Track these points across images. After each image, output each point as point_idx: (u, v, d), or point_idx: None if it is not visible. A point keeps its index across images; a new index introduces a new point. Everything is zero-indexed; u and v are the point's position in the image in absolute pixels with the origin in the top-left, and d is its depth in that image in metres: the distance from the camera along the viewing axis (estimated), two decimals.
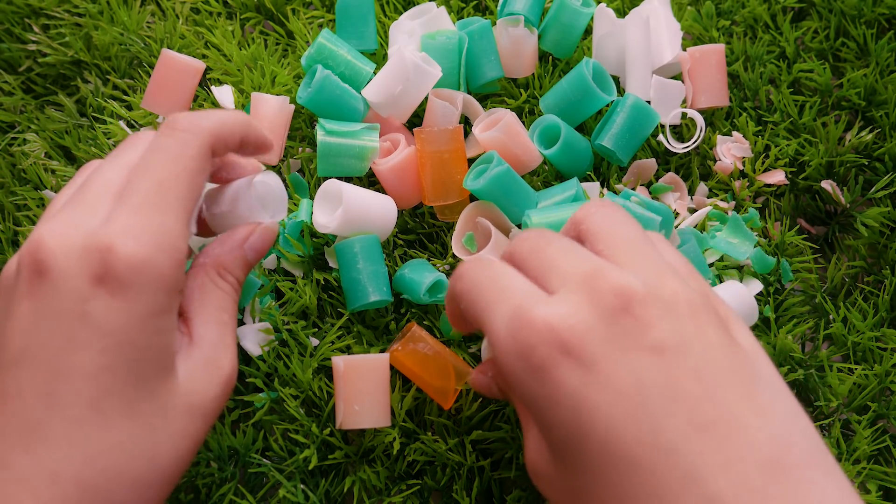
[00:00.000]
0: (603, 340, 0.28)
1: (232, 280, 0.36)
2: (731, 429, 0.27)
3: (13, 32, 0.55)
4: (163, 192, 0.32)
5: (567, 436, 0.28)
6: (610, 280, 0.29)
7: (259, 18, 0.55)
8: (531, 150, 0.47)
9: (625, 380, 0.28)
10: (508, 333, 0.29)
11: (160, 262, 0.30)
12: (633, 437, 0.27)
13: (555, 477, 0.30)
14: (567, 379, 0.28)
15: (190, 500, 0.43)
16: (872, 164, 0.50)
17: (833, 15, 0.53)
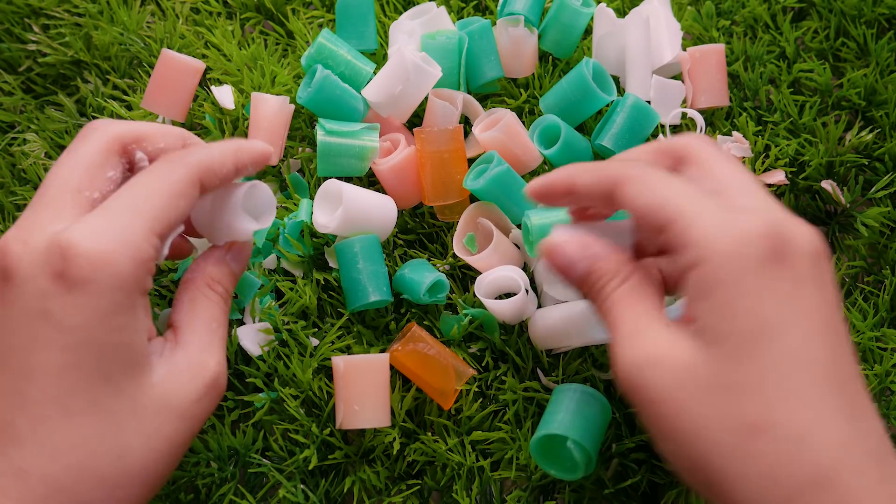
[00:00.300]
0: (806, 268, 0.30)
1: (221, 290, 0.37)
2: None
3: (13, 32, 0.55)
4: (136, 203, 0.32)
5: (755, 328, 0.29)
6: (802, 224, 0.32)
7: (259, 18, 0.55)
8: (531, 150, 0.47)
9: (818, 311, 0.30)
10: (721, 220, 0.31)
11: (119, 260, 0.31)
12: (824, 358, 0.29)
13: (695, 368, 0.30)
14: (780, 281, 0.30)
15: (190, 500, 0.43)
16: (872, 164, 0.50)
17: (833, 15, 0.53)
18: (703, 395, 0.30)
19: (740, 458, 0.29)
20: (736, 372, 0.29)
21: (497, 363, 0.46)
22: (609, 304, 0.34)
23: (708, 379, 0.30)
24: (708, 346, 0.30)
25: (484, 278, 0.45)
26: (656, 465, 0.44)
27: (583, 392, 0.41)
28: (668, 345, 0.31)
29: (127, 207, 0.32)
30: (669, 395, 0.31)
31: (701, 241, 0.30)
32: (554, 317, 0.44)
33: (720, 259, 0.30)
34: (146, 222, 0.32)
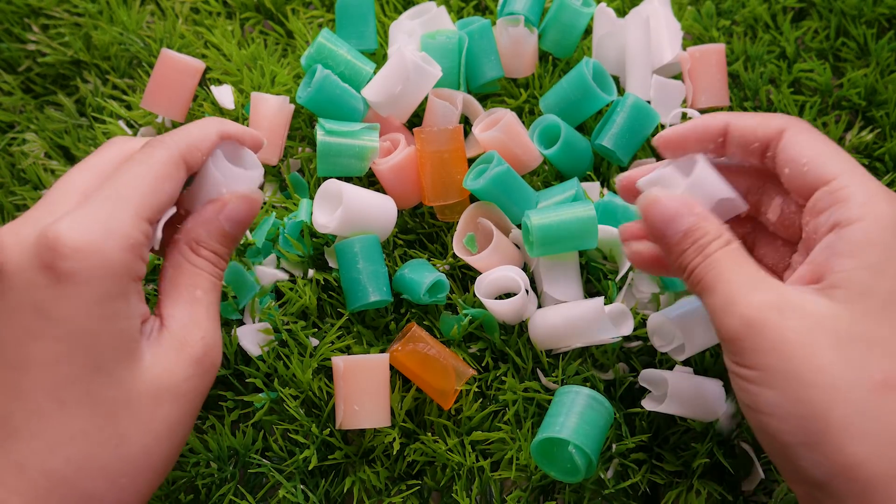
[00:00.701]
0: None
1: (207, 254, 0.36)
2: None
3: (13, 32, 0.55)
4: (119, 190, 0.32)
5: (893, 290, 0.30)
6: None
7: (259, 18, 0.54)
8: (531, 149, 0.47)
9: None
10: (886, 192, 0.32)
11: (107, 247, 0.31)
12: None
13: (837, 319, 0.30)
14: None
15: (190, 501, 0.43)
16: (873, 164, 0.50)
17: (833, 15, 0.53)
18: (840, 345, 0.30)
19: (864, 412, 0.29)
20: (878, 328, 0.30)
21: (497, 363, 0.46)
22: (712, 261, 0.33)
23: (848, 331, 0.30)
24: (848, 302, 0.31)
25: (484, 278, 0.45)
26: (656, 465, 0.44)
27: (585, 395, 0.41)
28: (798, 294, 0.31)
29: (110, 196, 0.32)
30: (804, 339, 0.30)
31: (860, 201, 0.31)
32: (554, 317, 0.44)
33: (877, 220, 0.31)
34: (131, 208, 0.32)
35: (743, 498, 0.44)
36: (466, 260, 0.45)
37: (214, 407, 0.46)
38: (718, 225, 0.34)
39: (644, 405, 0.43)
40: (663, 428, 0.44)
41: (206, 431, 0.44)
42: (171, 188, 0.34)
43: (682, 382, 0.42)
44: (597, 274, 0.46)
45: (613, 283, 0.45)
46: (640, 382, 0.44)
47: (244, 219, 0.37)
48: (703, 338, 0.42)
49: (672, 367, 0.44)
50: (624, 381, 0.44)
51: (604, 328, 0.42)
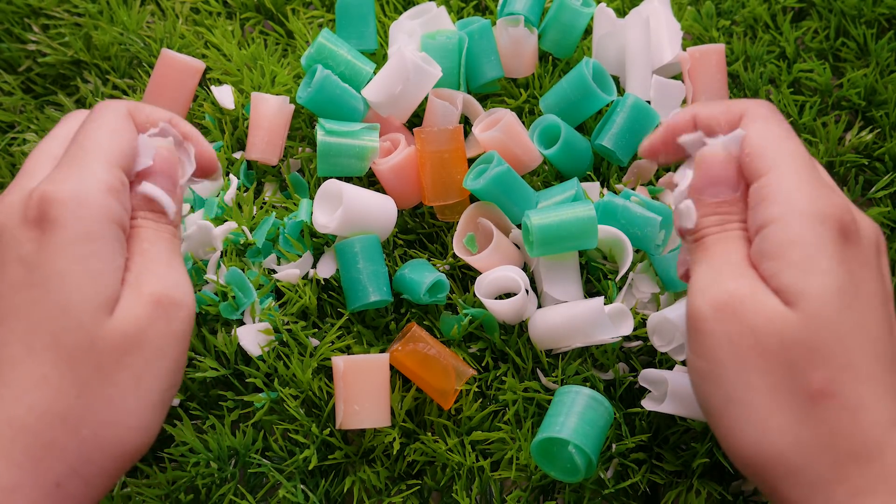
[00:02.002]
0: (870, 253, 0.32)
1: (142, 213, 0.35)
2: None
3: (13, 32, 0.55)
4: (82, 145, 0.33)
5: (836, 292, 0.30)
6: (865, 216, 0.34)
7: (259, 18, 0.55)
8: (531, 150, 0.47)
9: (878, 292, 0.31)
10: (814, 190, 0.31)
11: (84, 191, 0.31)
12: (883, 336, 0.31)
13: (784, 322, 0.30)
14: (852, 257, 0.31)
15: (190, 500, 0.43)
16: (872, 164, 0.50)
17: (833, 15, 0.53)
18: (783, 349, 0.30)
19: (800, 421, 0.30)
20: (815, 334, 0.30)
21: (497, 363, 0.46)
22: (719, 238, 0.34)
23: (791, 335, 0.30)
24: (792, 303, 0.30)
25: (484, 278, 0.45)
26: (656, 465, 0.44)
27: (585, 395, 0.41)
28: (760, 290, 0.31)
29: (76, 153, 0.33)
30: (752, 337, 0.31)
31: (780, 199, 0.31)
32: (554, 317, 0.44)
33: (797, 218, 0.31)
34: (98, 156, 0.33)
35: (743, 498, 0.44)
36: (466, 260, 0.45)
37: (214, 407, 0.46)
38: (743, 209, 0.34)
39: (644, 405, 0.43)
40: (663, 428, 0.44)
41: (206, 431, 0.44)
42: (127, 138, 0.34)
43: (682, 382, 0.42)
44: (597, 274, 0.46)
45: (613, 283, 0.45)
46: (640, 382, 0.44)
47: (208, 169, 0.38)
48: None
49: (672, 367, 0.44)
50: (624, 381, 0.44)
51: (604, 328, 0.42)
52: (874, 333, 0.30)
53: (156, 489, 0.43)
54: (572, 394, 0.41)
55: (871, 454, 0.29)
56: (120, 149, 0.34)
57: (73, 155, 0.33)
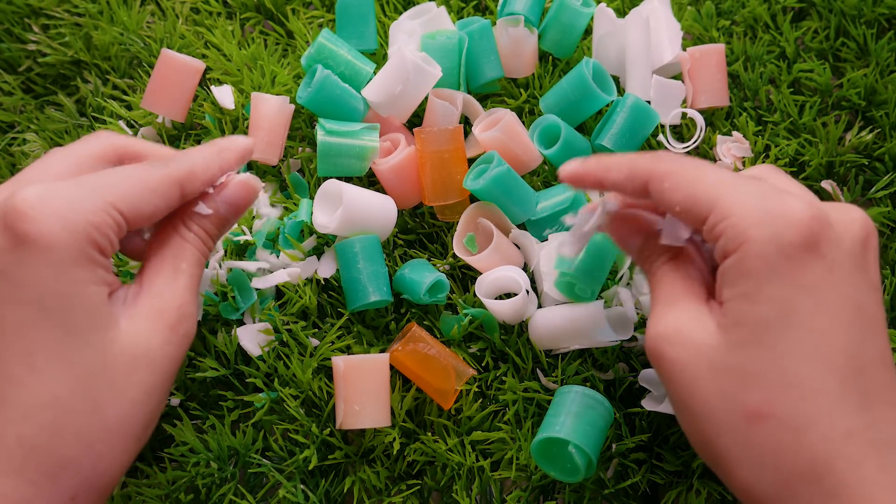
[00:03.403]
0: (848, 253, 0.31)
1: (198, 230, 0.36)
2: None
3: (13, 32, 0.55)
4: (103, 180, 0.33)
5: (779, 314, 0.30)
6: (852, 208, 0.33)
7: (259, 18, 0.55)
8: (531, 150, 0.47)
9: (855, 293, 0.31)
10: (760, 208, 0.31)
11: (70, 217, 0.31)
12: (842, 344, 0.30)
13: (715, 348, 0.31)
14: (812, 267, 0.30)
15: (190, 500, 0.43)
16: (872, 164, 0.50)
17: (833, 15, 0.53)
18: (714, 376, 0.31)
19: (741, 443, 0.30)
20: (747, 358, 0.30)
21: (497, 363, 0.46)
22: (654, 280, 0.35)
23: (721, 361, 0.31)
24: (727, 330, 0.31)
25: (484, 278, 0.45)
26: (656, 465, 0.44)
27: (585, 395, 0.41)
28: (693, 323, 0.32)
29: (92, 182, 0.32)
30: (684, 370, 0.32)
31: (737, 230, 0.31)
32: (554, 317, 0.44)
33: (753, 248, 0.30)
34: (105, 195, 0.32)
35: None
36: (466, 260, 0.45)
37: (214, 407, 0.46)
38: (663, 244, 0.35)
39: (644, 405, 0.43)
40: (663, 428, 0.44)
41: (206, 431, 0.44)
42: (159, 204, 0.34)
43: None
44: None
45: (614, 283, 0.46)
46: (640, 382, 0.44)
47: (240, 203, 0.37)
48: None
49: None
50: (624, 381, 0.44)
51: (603, 332, 0.42)
52: (830, 345, 0.30)
53: (156, 489, 0.43)
54: (572, 394, 0.41)
55: (819, 471, 0.29)
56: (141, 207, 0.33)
57: (86, 182, 0.32)
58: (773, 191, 0.32)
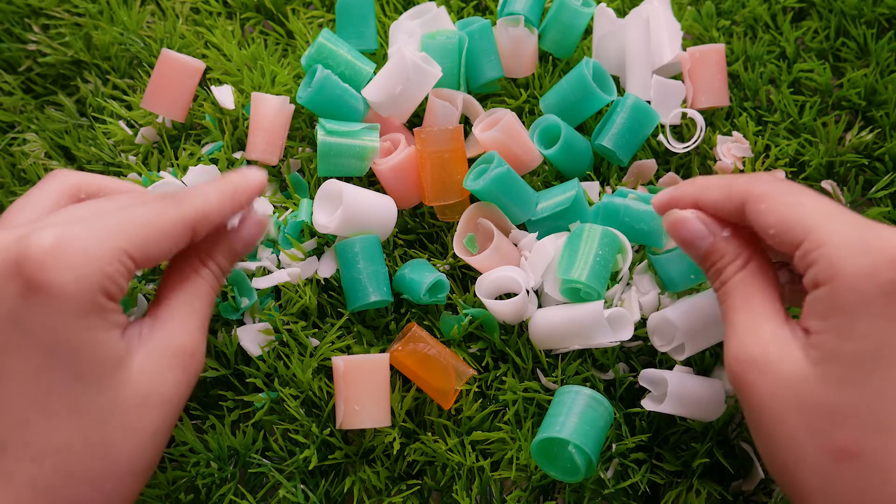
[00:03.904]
0: None
1: (214, 268, 0.36)
2: None
3: (13, 32, 0.55)
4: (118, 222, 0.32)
5: (873, 352, 0.29)
6: None
7: (259, 18, 0.55)
8: (531, 150, 0.47)
9: None
10: (857, 240, 0.30)
11: (81, 266, 0.30)
12: None
13: (803, 380, 0.30)
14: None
15: (190, 501, 0.43)
16: (872, 164, 0.50)
17: (833, 15, 0.53)
18: (802, 410, 0.30)
19: (827, 479, 0.30)
20: (839, 395, 0.30)
21: (497, 363, 0.46)
22: (726, 290, 0.34)
23: (812, 396, 0.30)
24: (817, 363, 0.30)
25: (484, 278, 0.45)
26: (656, 465, 0.44)
27: (585, 395, 0.41)
28: (779, 349, 0.31)
29: (107, 225, 0.32)
30: (771, 400, 0.31)
31: (832, 260, 0.30)
32: (554, 317, 0.44)
33: (848, 281, 0.30)
34: (120, 241, 0.32)
35: (743, 498, 0.44)
36: (467, 260, 0.45)
37: (214, 407, 0.46)
38: (738, 242, 0.34)
39: (644, 405, 0.43)
40: (663, 428, 0.44)
41: (206, 431, 0.44)
42: (170, 247, 0.34)
43: (681, 382, 0.42)
44: None
45: (614, 283, 0.46)
46: (640, 382, 0.44)
47: (254, 241, 0.38)
48: (703, 338, 0.42)
49: (672, 367, 0.44)
50: (624, 381, 0.44)
51: (602, 332, 0.42)
52: None
53: (156, 489, 0.43)
54: (572, 394, 0.41)
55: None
56: (152, 251, 0.33)
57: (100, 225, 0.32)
58: (871, 224, 0.31)
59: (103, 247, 0.31)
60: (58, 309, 0.30)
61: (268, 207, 0.48)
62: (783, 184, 0.34)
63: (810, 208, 0.32)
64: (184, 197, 0.35)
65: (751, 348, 0.32)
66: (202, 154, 0.50)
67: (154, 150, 0.50)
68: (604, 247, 0.43)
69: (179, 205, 0.34)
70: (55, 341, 0.30)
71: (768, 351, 0.32)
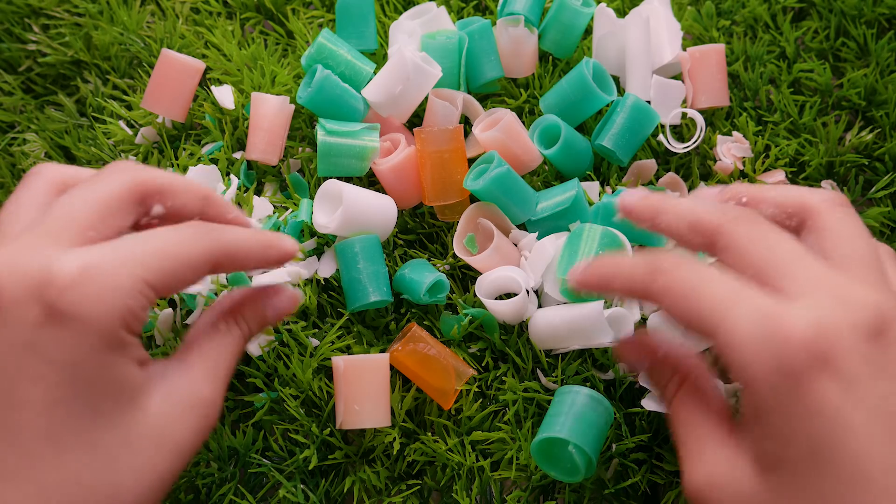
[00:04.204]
0: (862, 360, 0.28)
1: (245, 328, 0.36)
2: None
3: (13, 32, 0.55)
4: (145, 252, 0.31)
5: (808, 452, 0.28)
6: (865, 299, 0.29)
7: (259, 18, 0.55)
8: (531, 150, 0.47)
9: (885, 403, 0.27)
10: (758, 334, 0.28)
11: (110, 301, 0.29)
12: (888, 464, 0.27)
13: (755, 496, 0.29)
14: (826, 391, 0.27)
15: (190, 501, 0.43)
16: (872, 164, 0.50)
17: (833, 15, 0.53)
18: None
19: None
20: (792, 501, 0.28)
21: (497, 363, 0.46)
22: (672, 410, 0.34)
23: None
24: (765, 473, 0.29)
25: (484, 279, 0.45)
26: (656, 465, 0.44)
27: (585, 395, 0.41)
28: (725, 470, 0.30)
29: (132, 253, 0.31)
30: None
31: (741, 364, 0.28)
32: (554, 317, 0.44)
33: (762, 385, 0.28)
34: (144, 271, 0.30)
35: None
36: (467, 260, 0.45)
37: None
38: (676, 357, 0.34)
39: (644, 405, 0.43)
40: (663, 428, 0.44)
41: None
42: (192, 279, 0.33)
43: None
44: None
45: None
46: (640, 382, 0.44)
47: (285, 314, 0.37)
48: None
49: None
50: (624, 381, 0.44)
51: (602, 332, 0.42)
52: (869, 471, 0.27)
53: None
54: (572, 394, 0.41)
55: None
56: (173, 284, 0.32)
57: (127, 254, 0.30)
58: (778, 304, 0.29)
59: (128, 278, 0.30)
60: (80, 340, 0.29)
61: (268, 208, 0.48)
62: (687, 267, 0.31)
63: (711, 301, 0.30)
64: (214, 228, 0.34)
65: (699, 475, 0.31)
66: (202, 154, 0.50)
67: (154, 150, 0.50)
68: (604, 247, 0.43)
69: (207, 235, 0.33)
70: (75, 373, 0.29)
71: (719, 475, 0.30)
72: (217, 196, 0.36)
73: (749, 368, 0.28)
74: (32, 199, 0.34)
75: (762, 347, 0.28)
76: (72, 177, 0.36)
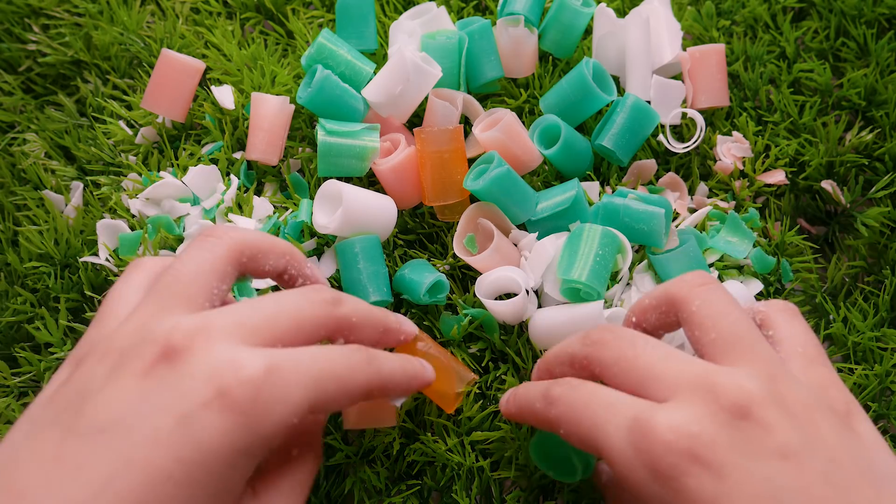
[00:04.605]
0: (729, 447, 0.28)
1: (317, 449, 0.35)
2: None
3: (13, 32, 0.55)
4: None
5: None
6: (725, 385, 0.29)
7: (259, 18, 0.55)
8: (531, 150, 0.47)
9: (758, 487, 0.27)
10: (629, 445, 0.29)
11: (278, 408, 0.29)
12: None
13: None
14: (699, 487, 0.28)
15: None
16: (872, 164, 0.50)
17: (833, 15, 0.53)
18: None
19: None
20: None
21: (497, 363, 0.46)
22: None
23: None
24: None
25: (484, 279, 0.45)
26: None
27: None
28: None
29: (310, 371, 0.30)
30: None
31: (622, 475, 0.30)
32: (554, 317, 0.44)
33: (643, 489, 0.29)
34: (311, 394, 0.30)
35: None
36: (466, 260, 0.45)
37: None
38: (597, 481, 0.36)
39: None
40: None
41: None
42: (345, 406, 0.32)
43: None
44: None
45: (614, 283, 0.46)
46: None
47: None
48: None
49: None
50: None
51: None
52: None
53: None
54: None
55: None
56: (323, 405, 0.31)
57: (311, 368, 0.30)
58: (646, 410, 0.30)
59: (298, 402, 0.29)
60: (229, 436, 0.28)
61: (268, 208, 0.48)
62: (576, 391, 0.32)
63: (592, 415, 0.31)
64: (376, 357, 0.33)
65: None
66: (202, 154, 0.50)
67: (154, 150, 0.50)
68: (604, 247, 0.43)
69: (371, 365, 0.33)
70: (203, 462, 0.28)
71: None
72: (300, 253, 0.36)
73: (630, 477, 0.29)
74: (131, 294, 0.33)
75: (634, 456, 0.29)
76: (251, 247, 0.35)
